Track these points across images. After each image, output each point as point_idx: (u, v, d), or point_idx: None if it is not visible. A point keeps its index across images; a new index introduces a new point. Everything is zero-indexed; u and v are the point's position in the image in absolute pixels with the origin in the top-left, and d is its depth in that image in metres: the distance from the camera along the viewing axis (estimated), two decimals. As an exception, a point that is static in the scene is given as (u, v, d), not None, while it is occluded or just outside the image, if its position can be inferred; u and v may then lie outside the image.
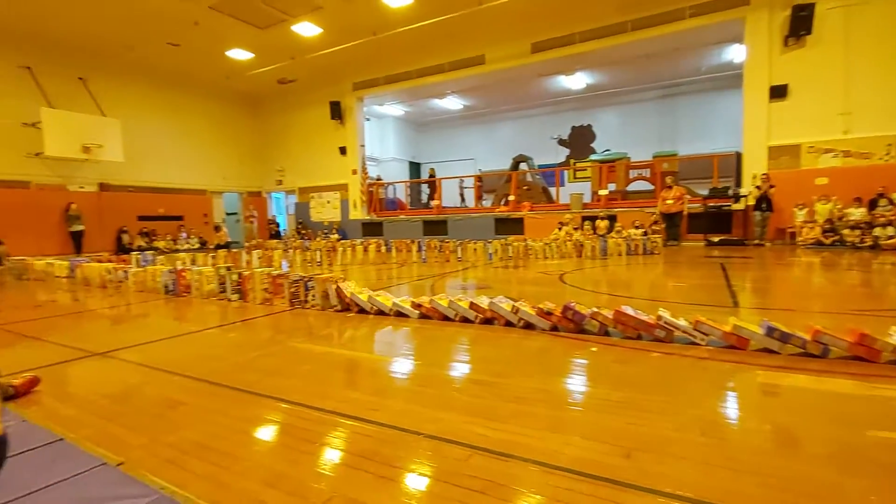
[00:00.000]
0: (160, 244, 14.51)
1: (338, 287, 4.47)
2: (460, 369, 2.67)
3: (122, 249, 13.45)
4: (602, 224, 11.95)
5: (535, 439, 1.68)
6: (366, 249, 12.15)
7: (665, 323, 2.88)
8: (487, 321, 3.66)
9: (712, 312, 3.60)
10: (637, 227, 11.12)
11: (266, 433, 1.91)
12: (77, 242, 13.05)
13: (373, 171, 18.34)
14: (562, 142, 19.60)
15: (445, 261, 9.48)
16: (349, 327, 3.81)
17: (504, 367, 2.58)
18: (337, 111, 16.42)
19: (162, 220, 15.39)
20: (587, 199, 14.11)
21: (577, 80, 16.33)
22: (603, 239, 10.00)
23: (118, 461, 1.68)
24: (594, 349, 2.89)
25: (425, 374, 2.59)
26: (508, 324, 3.53)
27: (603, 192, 13.49)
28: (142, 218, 14.89)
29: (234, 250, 12.04)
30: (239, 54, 13.81)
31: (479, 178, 17.05)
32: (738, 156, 11.89)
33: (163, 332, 3.88)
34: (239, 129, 18.24)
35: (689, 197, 11.42)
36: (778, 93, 10.74)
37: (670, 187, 11.16)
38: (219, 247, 15.33)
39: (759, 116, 10.98)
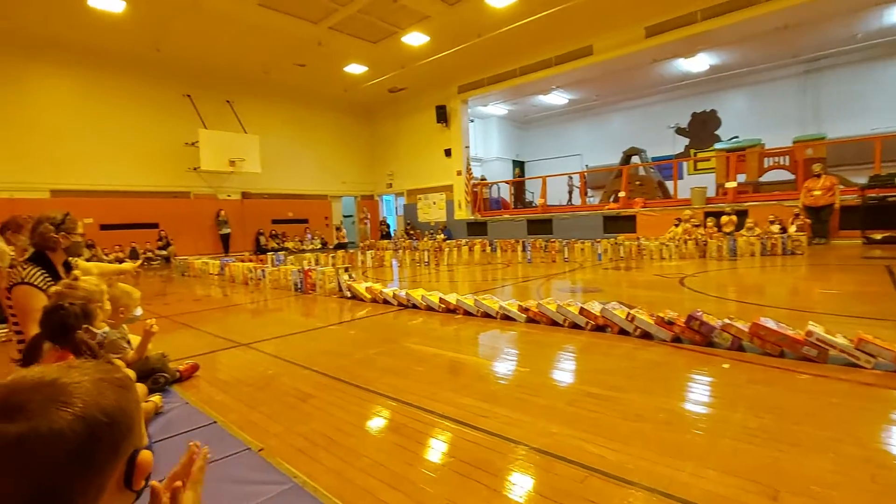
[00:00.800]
0: (289, 245, 16.17)
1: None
2: (571, 379, 2.58)
3: (259, 250, 15.23)
4: (729, 220, 10.73)
5: (660, 465, 1.56)
6: (471, 249, 12.31)
7: (817, 339, 2.49)
8: (599, 328, 3.49)
9: (878, 328, 3.04)
10: (774, 223, 9.80)
11: (384, 432, 2.02)
12: (225, 244, 15.08)
13: (477, 172, 18.53)
14: (680, 130, 17.98)
15: (551, 261, 9.24)
16: (458, 330, 3.89)
17: (620, 380, 2.44)
18: (442, 115, 16.86)
19: (291, 224, 17.15)
20: (711, 192, 12.78)
21: (698, 63, 14.84)
22: (731, 237, 8.99)
23: (259, 447, 1.89)
24: (726, 366, 2.60)
25: (534, 382, 2.54)
26: (622, 332, 3.33)
27: (730, 185, 12.09)
28: (275, 221, 16.72)
29: (351, 251, 12.97)
30: (355, 69, 14.84)
31: (583, 175, 16.36)
32: (912, 136, 9.89)
33: (294, 326, 4.29)
34: (354, 138, 19.61)
35: (841, 187, 9.77)
36: (970, 56, 8.72)
37: (818, 176, 9.65)
38: (337, 247, 16.67)
39: (943, 87, 9.01)
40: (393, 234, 19.04)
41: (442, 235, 16.30)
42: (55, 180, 12.31)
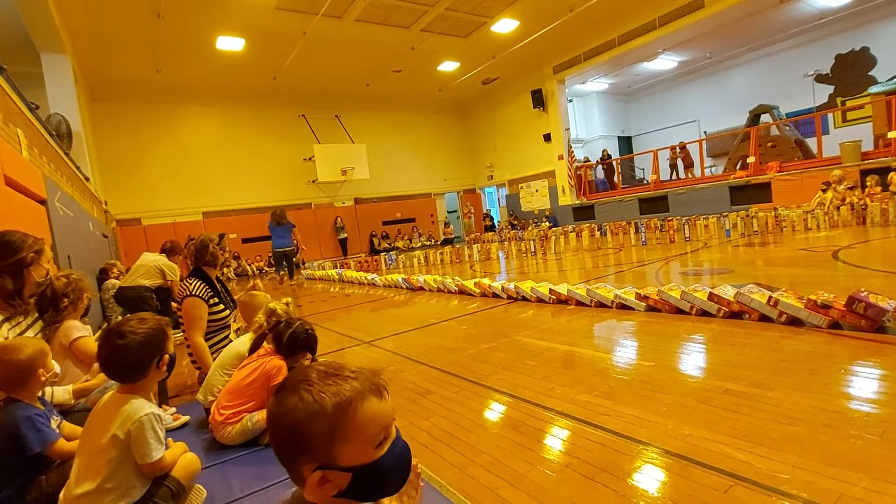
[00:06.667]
0: (399, 244, 17.02)
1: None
2: (704, 374, 2.35)
3: (373, 251, 16.26)
4: (898, 177, 8.93)
5: (823, 476, 1.35)
6: (578, 235, 11.85)
7: None
8: (734, 315, 3.13)
9: None
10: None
11: (503, 429, 2.03)
12: (343, 247, 16.36)
13: (579, 153, 17.72)
14: (821, 78, 15.34)
15: (669, 241, 8.52)
16: (570, 321, 3.77)
17: (764, 375, 2.17)
18: (539, 99, 16.37)
19: (399, 223, 18.04)
20: (867, 146, 10.75)
21: (842, -6, 12.54)
22: (901, 198, 7.50)
23: (388, 441, 2.01)
24: (904, 356, 2.18)
25: (659, 377, 2.36)
26: (763, 318, 2.96)
27: (895, 134, 10.06)
28: (385, 223, 17.72)
29: (457, 245, 13.24)
30: (448, 66, 15.05)
31: (683, 145, 14.71)
32: None
33: (409, 323, 4.50)
34: (451, 134, 19.94)
35: None
36: None
37: None
38: (444, 242, 17.14)
39: None
40: (497, 226, 19.04)
41: (547, 223, 15.90)
42: (205, 204, 14.37)
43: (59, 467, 1.61)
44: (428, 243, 17.45)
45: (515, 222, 17.72)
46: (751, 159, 12.17)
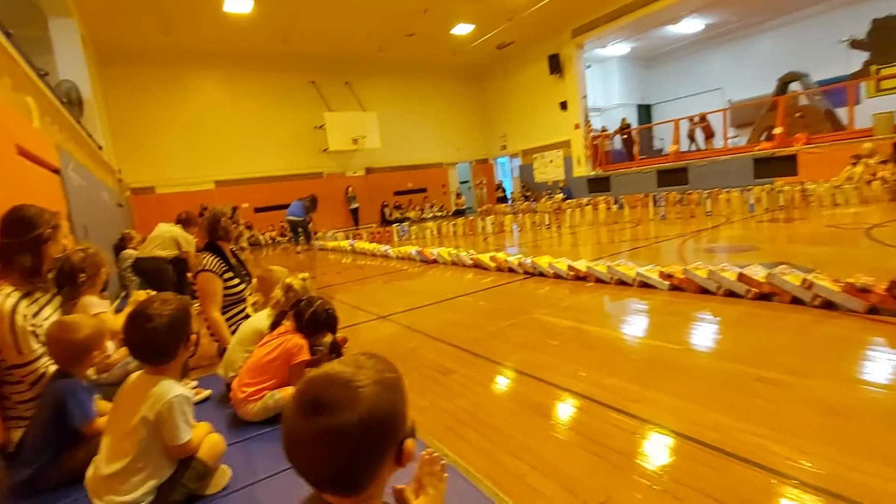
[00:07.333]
0: (411, 214, 16.92)
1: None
2: (735, 359, 2.27)
3: (385, 221, 16.19)
4: (933, 150, 8.54)
5: (870, 475, 1.29)
6: (595, 208, 11.65)
7: None
8: (763, 297, 3.03)
9: None
10: None
11: (528, 413, 1.98)
12: (355, 217, 16.31)
13: (596, 122, 17.21)
14: (856, 44, 14.55)
15: (690, 216, 8.31)
16: (590, 299, 3.70)
17: (799, 362, 2.09)
18: (556, 65, 15.82)
19: (411, 194, 17.87)
20: (904, 117, 10.26)
21: (885, -48, 11.73)
22: (937, 172, 7.18)
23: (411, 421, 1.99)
24: (950, 345, 2.09)
25: (689, 361, 2.30)
26: (795, 300, 2.85)
27: (934, 105, 9.58)
28: (396, 193, 17.57)
29: (470, 217, 13.10)
30: (462, 29, 14.51)
31: (703, 115, 14.16)
32: None
33: (424, 297, 4.46)
34: (464, 103, 19.44)
35: None
36: None
37: None
38: (456, 213, 16.99)
39: None
40: (509, 197, 18.79)
41: (561, 195, 15.64)
42: (217, 172, 14.31)
43: (86, 445, 1.62)
44: (440, 214, 17.32)
45: (528, 194, 17.45)
46: (777, 130, 11.71)
